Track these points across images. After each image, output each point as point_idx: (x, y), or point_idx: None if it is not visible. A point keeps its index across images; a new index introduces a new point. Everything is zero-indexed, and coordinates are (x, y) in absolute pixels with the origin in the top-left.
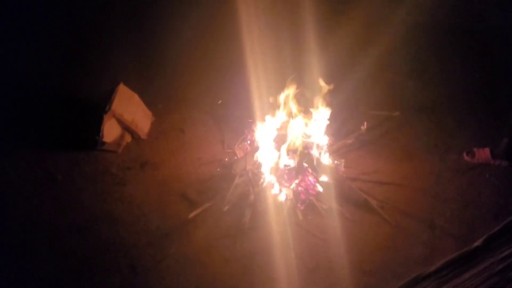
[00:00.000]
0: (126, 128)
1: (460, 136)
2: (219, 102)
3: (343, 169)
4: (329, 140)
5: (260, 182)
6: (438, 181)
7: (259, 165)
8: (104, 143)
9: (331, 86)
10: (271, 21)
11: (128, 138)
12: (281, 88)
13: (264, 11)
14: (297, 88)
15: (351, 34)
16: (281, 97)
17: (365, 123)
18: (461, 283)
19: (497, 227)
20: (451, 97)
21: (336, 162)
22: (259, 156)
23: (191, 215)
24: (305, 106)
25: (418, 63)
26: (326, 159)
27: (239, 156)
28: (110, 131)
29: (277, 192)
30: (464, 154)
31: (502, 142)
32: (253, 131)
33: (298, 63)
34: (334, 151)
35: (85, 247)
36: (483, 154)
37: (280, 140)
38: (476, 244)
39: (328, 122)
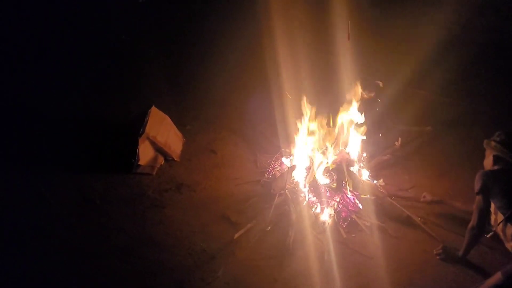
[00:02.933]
0: (159, 150)
1: None
2: None
3: (382, 184)
4: (366, 156)
5: (300, 201)
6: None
7: (297, 184)
8: (139, 166)
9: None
10: (302, 44)
11: (161, 161)
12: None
13: (295, 35)
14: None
15: (383, 55)
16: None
17: (399, 139)
18: None
19: None
20: (480, 111)
21: (374, 178)
22: (297, 175)
23: (236, 235)
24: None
25: (447, 79)
26: (365, 176)
27: (276, 176)
28: (144, 153)
29: (318, 210)
30: None
31: None
32: (289, 151)
33: (331, 80)
34: (371, 168)
35: (130, 270)
36: None
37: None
38: None
39: (364, 138)
